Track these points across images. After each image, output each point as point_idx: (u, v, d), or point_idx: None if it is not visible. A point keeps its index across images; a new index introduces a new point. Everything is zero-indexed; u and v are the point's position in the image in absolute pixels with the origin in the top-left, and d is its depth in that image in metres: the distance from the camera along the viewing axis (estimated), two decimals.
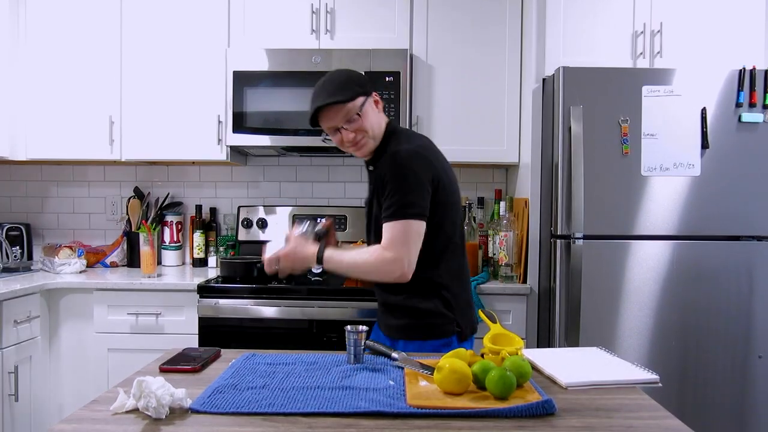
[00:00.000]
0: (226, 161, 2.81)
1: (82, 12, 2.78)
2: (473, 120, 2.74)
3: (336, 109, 1.57)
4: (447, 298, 1.58)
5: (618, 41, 2.53)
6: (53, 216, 3.18)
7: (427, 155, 1.58)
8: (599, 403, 1.07)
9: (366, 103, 1.59)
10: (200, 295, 2.40)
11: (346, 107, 1.56)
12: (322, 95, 1.57)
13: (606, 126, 2.29)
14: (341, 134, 1.59)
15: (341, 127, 1.58)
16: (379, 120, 1.63)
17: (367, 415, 0.98)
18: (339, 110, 1.57)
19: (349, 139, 1.59)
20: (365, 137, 1.60)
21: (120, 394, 1.00)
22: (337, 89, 1.57)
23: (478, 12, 2.73)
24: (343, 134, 1.59)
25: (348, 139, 1.59)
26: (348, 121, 1.57)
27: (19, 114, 2.79)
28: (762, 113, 2.30)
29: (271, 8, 2.75)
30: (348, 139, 1.59)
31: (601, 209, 2.30)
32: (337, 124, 1.58)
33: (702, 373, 2.30)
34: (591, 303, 2.28)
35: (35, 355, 2.41)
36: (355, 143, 1.60)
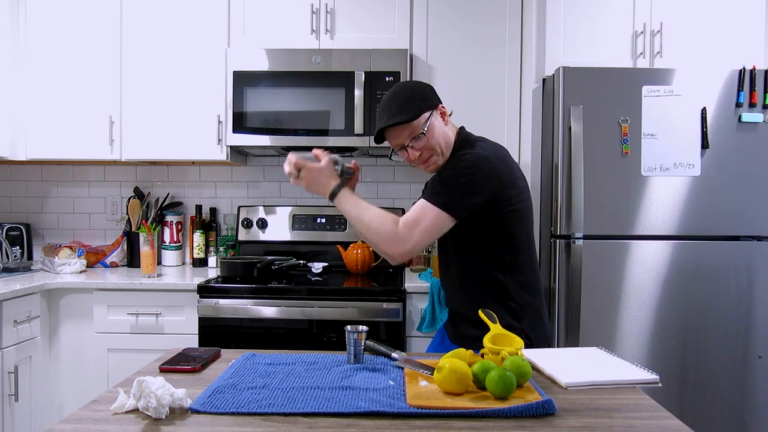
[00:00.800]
0: (226, 161, 2.81)
1: (82, 12, 2.78)
2: (473, 120, 2.72)
3: (401, 129, 1.54)
4: (514, 308, 1.54)
5: (618, 41, 2.53)
6: (53, 216, 3.18)
7: (496, 162, 1.53)
8: (599, 403, 1.07)
9: (431, 117, 1.56)
10: (200, 295, 2.40)
11: (410, 126, 1.54)
12: (385, 115, 1.54)
13: (606, 126, 2.29)
14: (408, 152, 1.58)
15: (408, 146, 1.56)
16: (446, 133, 1.60)
17: (367, 415, 0.98)
18: (404, 129, 1.55)
19: (415, 157, 1.57)
20: (433, 154, 1.57)
21: (120, 394, 1.00)
22: (401, 107, 1.53)
23: (478, 12, 2.73)
24: (409, 152, 1.57)
25: (414, 157, 1.57)
26: (414, 139, 1.55)
27: (19, 114, 2.79)
28: (762, 113, 2.30)
29: (271, 8, 2.75)
30: (414, 157, 1.57)
31: (601, 209, 2.30)
32: (404, 143, 1.56)
33: (702, 373, 2.30)
34: (591, 303, 2.28)
35: (35, 355, 2.41)
36: (424, 161, 1.58)
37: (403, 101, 1.54)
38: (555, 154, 2.35)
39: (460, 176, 1.49)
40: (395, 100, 1.55)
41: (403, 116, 1.52)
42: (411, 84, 1.65)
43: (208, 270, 2.90)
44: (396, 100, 1.55)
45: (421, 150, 1.56)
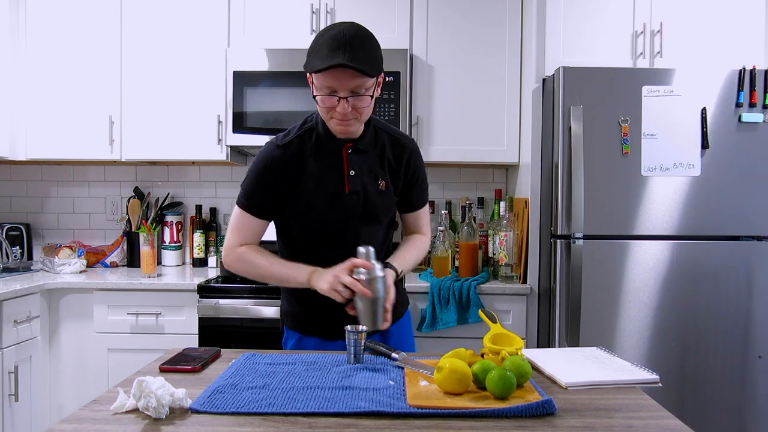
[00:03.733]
0: (226, 161, 2.81)
1: (82, 12, 2.78)
2: (473, 120, 2.74)
3: (353, 77, 1.34)
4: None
5: (618, 41, 2.53)
6: (53, 216, 3.18)
7: None
8: (599, 403, 1.07)
9: (377, 83, 1.42)
10: (200, 295, 2.40)
11: (364, 80, 1.35)
12: (347, 52, 1.31)
13: (606, 126, 2.29)
14: (338, 102, 1.37)
15: (342, 97, 1.36)
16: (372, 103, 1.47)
17: (367, 415, 0.98)
18: (356, 80, 1.35)
19: (344, 112, 1.38)
20: (356, 119, 1.42)
21: (120, 394, 1.00)
22: (368, 56, 1.35)
23: (479, 12, 2.73)
24: (339, 104, 1.37)
25: (342, 112, 1.38)
26: (355, 95, 1.37)
27: (19, 114, 2.79)
28: (762, 113, 2.30)
29: (271, 8, 2.75)
30: (342, 112, 1.38)
31: (601, 209, 2.30)
32: (340, 92, 1.36)
33: (702, 373, 2.30)
34: (591, 303, 2.28)
35: (35, 355, 2.41)
36: (345, 120, 1.40)
37: (371, 50, 1.37)
38: (555, 154, 2.35)
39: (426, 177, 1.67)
40: (364, 43, 1.35)
41: (367, 66, 1.33)
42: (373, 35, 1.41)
43: (208, 270, 2.90)
44: (364, 43, 1.35)
45: (352, 108, 1.38)
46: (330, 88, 1.36)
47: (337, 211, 1.50)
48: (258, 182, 1.50)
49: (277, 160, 1.48)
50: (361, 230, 1.52)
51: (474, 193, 3.07)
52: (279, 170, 1.48)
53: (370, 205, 1.52)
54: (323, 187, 1.49)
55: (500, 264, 2.55)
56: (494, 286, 2.47)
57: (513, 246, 2.56)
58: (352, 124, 1.43)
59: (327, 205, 1.49)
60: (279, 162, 1.48)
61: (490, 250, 2.69)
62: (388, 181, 1.56)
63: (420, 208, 1.67)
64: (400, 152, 1.58)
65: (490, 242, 2.68)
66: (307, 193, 1.49)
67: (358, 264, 1.37)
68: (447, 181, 3.12)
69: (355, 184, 1.50)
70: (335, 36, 1.33)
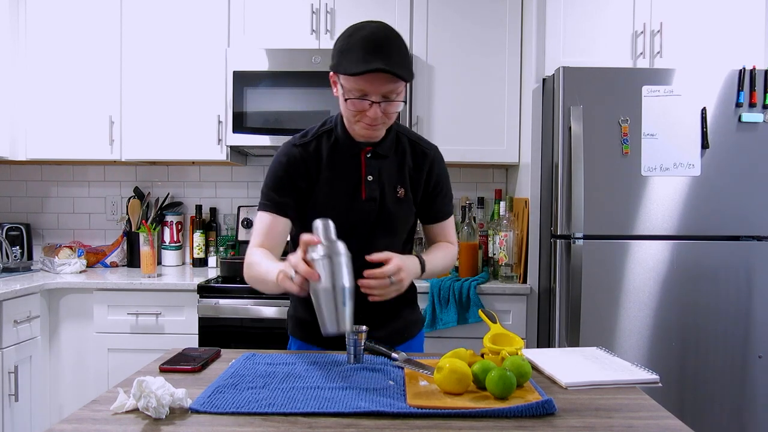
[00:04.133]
0: (226, 161, 2.81)
1: (82, 12, 2.78)
2: (473, 120, 2.74)
3: (387, 80, 1.28)
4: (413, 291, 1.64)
5: (618, 41, 2.53)
6: (53, 216, 3.18)
7: None
8: (599, 403, 1.07)
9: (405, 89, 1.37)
10: (200, 295, 2.40)
11: (399, 85, 1.31)
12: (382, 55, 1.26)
13: (606, 126, 2.29)
14: (369, 107, 1.31)
15: (375, 102, 1.31)
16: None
17: (367, 415, 0.98)
18: (391, 84, 1.29)
19: (374, 117, 1.32)
20: (385, 123, 1.37)
21: (120, 394, 1.00)
22: (403, 60, 1.29)
23: (478, 12, 2.73)
24: (371, 109, 1.31)
25: (373, 117, 1.32)
26: (387, 100, 1.31)
27: (19, 114, 2.79)
28: (762, 113, 2.30)
29: (271, 8, 2.75)
30: (374, 116, 1.32)
31: (601, 209, 2.30)
32: (372, 96, 1.30)
33: (702, 373, 2.30)
34: (591, 303, 2.28)
35: (35, 355, 2.41)
36: (374, 125, 1.35)
37: (404, 53, 1.31)
38: (555, 154, 2.35)
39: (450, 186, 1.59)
40: (398, 45, 1.30)
41: (403, 70, 1.28)
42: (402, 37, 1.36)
43: (208, 270, 2.90)
44: (398, 45, 1.30)
45: (383, 113, 1.33)
46: (362, 92, 1.30)
47: (352, 217, 1.42)
48: (276, 179, 1.44)
49: (294, 158, 1.43)
50: (376, 241, 1.41)
51: (474, 193, 3.07)
52: (296, 169, 1.43)
53: (387, 213, 1.44)
54: (339, 192, 1.43)
55: (500, 264, 2.55)
56: (494, 286, 2.47)
57: (513, 246, 2.56)
58: (379, 128, 1.38)
59: (341, 210, 1.41)
60: (296, 161, 1.43)
61: (490, 250, 2.69)
62: (408, 189, 1.48)
63: (445, 219, 1.58)
64: (421, 160, 1.50)
65: (490, 242, 2.68)
66: (321, 197, 1.43)
67: (307, 240, 1.15)
68: None
69: (373, 190, 1.43)
70: (369, 38, 1.28)
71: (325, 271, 1.11)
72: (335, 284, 1.10)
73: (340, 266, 1.11)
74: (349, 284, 1.12)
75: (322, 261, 1.11)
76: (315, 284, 1.11)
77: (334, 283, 1.10)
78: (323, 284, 1.11)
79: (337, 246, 1.14)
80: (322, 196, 1.43)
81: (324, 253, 1.11)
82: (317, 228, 1.16)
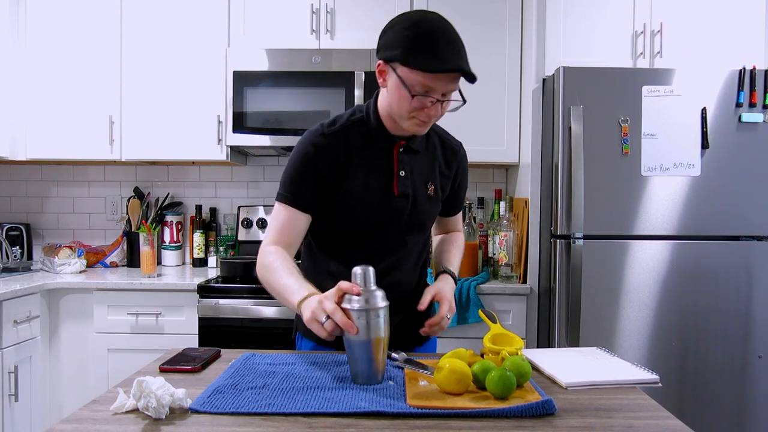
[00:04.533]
0: (226, 161, 2.81)
1: (82, 12, 2.78)
2: (473, 120, 2.73)
3: (454, 79, 1.25)
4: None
5: (618, 41, 2.53)
6: (53, 216, 3.18)
7: None
8: (599, 403, 1.07)
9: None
10: (200, 295, 2.40)
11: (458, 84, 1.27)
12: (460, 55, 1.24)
13: (606, 126, 2.29)
14: (431, 104, 1.27)
15: (438, 100, 1.27)
16: None
17: (367, 415, 0.98)
18: (454, 83, 1.26)
19: (435, 114, 1.29)
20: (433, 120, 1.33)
21: (120, 394, 1.00)
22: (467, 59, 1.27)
23: (479, 12, 2.73)
24: (432, 107, 1.27)
25: (434, 114, 1.29)
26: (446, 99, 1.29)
27: (19, 114, 2.79)
28: (762, 113, 2.30)
29: (271, 8, 2.75)
30: (434, 114, 1.29)
31: (601, 209, 2.30)
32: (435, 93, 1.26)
33: (702, 373, 2.30)
34: (591, 303, 2.28)
35: (35, 355, 2.41)
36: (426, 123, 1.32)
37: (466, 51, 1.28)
38: (555, 154, 2.35)
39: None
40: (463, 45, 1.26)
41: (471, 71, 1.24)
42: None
43: (208, 270, 2.90)
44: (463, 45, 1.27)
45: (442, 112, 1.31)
46: (428, 88, 1.25)
47: (383, 213, 1.38)
48: (301, 171, 1.36)
49: (323, 149, 1.35)
50: (406, 238, 1.41)
51: (474, 193, 3.07)
52: (324, 161, 1.35)
53: (419, 210, 1.41)
54: (370, 187, 1.37)
55: (500, 264, 2.55)
56: (494, 286, 2.47)
57: (513, 246, 2.56)
58: (427, 126, 1.33)
59: (372, 206, 1.37)
60: (324, 152, 1.35)
61: (490, 250, 2.69)
62: (437, 186, 1.45)
63: (459, 212, 1.64)
64: (451, 157, 1.49)
65: (490, 242, 2.68)
66: (351, 192, 1.36)
67: (345, 289, 1.11)
68: None
69: (405, 186, 1.38)
70: (440, 33, 1.23)
71: (364, 324, 1.08)
72: (371, 337, 1.08)
73: (378, 319, 1.09)
74: (385, 335, 1.11)
75: (360, 313, 1.08)
76: (351, 336, 1.09)
77: (371, 337, 1.08)
78: (361, 338, 1.08)
79: (377, 298, 1.10)
80: (353, 191, 1.36)
81: (363, 306, 1.08)
82: (356, 275, 1.11)
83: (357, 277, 1.11)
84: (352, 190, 1.36)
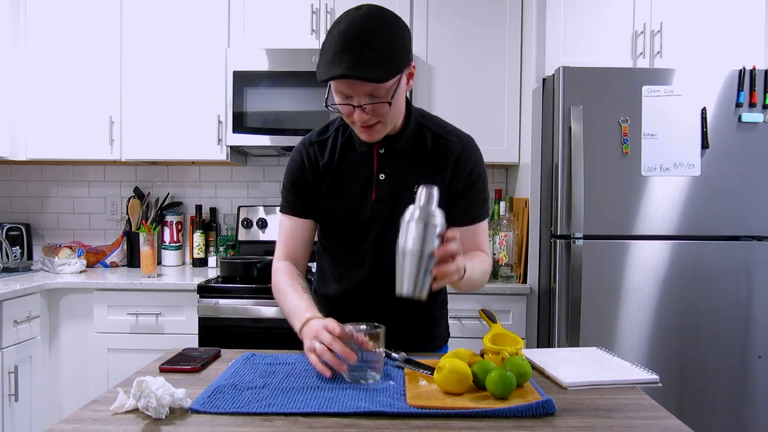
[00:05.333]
0: (226, 161, 2.81)
1: (82, 12, 2.78)
2: (473, 120, 2.73)
3: (363, 84, 1.16)
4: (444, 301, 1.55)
5: (618, 41, 2.53)
6: (53, 216, 3.18)
7: None
8: (599, 403, 1.07)
9: (400, 81, 1.21)
10: (200, 295, 2.40)
11: (377, 86, 1.16)
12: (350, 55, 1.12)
13: (606, 126, 2.29)
14: (354, 110, 1.20)
15: (357, 105, 1.19)
16: (403, 101, 1.29)
17: (367, 415, 0.98)
18: (367, 86, 1.16)
19: (361, 119, 1.21)
20: (380, 123, 1.24)
21: (120, 394, 1.00)
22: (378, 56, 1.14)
23: (479, 12, 2.73)
24: (357, 114, 1.20)
25: (359, 120, 1.21)
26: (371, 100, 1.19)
27: (19, 114, 2.79)
28: (762, 113, 2.30)
29: (271, 8, 2.75)
30: (359, 119, 1.21)
31: (601, 209, 2.30)
32: (355, 99, 1.18)
33: (702, 373, 2.30)
34: (591, 303, 2.28)
35: (35, 355, 2.41)
36: (367, 127, 1.24)
37: (382, 49, 1.15)
38: (555, 154, 2.35)
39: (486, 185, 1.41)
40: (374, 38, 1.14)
41: (376, 71, 1.14)
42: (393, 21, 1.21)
43: (208, 270, 2.90)
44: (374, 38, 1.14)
45: (370, 115, 1.21)
46: (344, 95, 1.19)
47: (360, 219, 1.33)
48: (291, 179, 1.39)
49: (307, 156, 1.37)
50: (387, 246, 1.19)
51: None
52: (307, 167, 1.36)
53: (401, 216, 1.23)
54: (346, 192, 1.34)
55: (500, 264, 2.55)
56: (494, 286, 2.47)
57: (513, 246, 2.55)
58: (377, 130, 1.25)
59: (348, 213, 1.34)
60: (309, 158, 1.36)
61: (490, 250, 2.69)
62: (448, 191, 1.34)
63: (475, 223, 1.37)
64: (444, 154, 1.35)
65: (490, 242, 2.68)
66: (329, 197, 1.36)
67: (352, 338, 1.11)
68: None
69: (384, 191, 1.32)
70: (342, 33, 1.13)
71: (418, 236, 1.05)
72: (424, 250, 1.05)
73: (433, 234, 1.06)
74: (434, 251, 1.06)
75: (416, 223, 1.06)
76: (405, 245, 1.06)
77: (424, 249, 1.05)
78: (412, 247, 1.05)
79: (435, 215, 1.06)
80: (334, 197, 1.35)
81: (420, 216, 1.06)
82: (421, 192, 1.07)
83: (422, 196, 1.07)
84: (333, 197, 1.36)
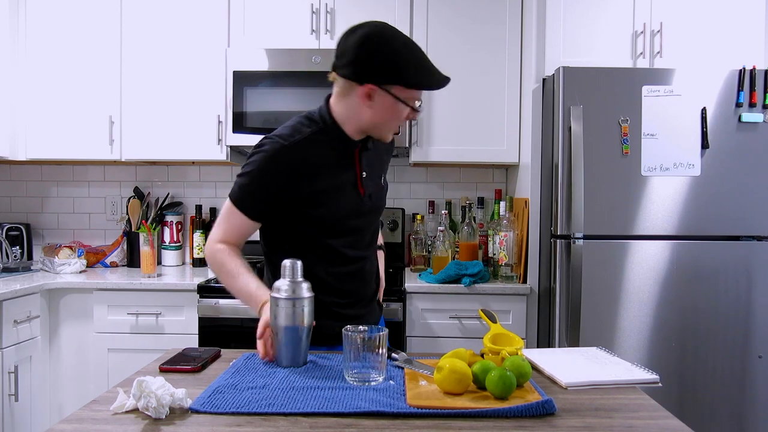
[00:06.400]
0: (226, 161, 2.81)
1: (82, 12, 2.78)
2: (473, 120, 2.74)
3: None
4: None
5: (618, 41, 2.53)
6: (53, 216, 3.18)
7: None
8: (599, 403, 1.07)
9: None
10: (200, 295, 2.40)
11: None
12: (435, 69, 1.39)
13: (606, 126, 2.29)
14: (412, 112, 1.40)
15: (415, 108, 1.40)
16: None
17: (367, 415, 0.98)
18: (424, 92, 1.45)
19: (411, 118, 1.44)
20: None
21: (120, 394, 1.00)
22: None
23: (478, 12, 2.74)
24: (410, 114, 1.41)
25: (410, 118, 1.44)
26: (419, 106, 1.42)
27: (19, 114, 2.79)
28: (762, 113, 2.30)
29: (271, 8, 2.75)
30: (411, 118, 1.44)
31: (601, 209, 2.30)
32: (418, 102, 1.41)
33: (701, 373, 2.30)
34: (591, 303, 2.28)
35: (35, 355, 2.41)
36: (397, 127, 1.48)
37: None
38: (555, 154, 2.35)
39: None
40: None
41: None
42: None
43: (208, 270, 2.90)
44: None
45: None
46: (416, 100, 1.39)
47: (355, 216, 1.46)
48: (260, 184, 1.38)
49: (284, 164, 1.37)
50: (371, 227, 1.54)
51: (474, 193, 3.07)
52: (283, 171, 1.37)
53: (378, 204, 1.55)
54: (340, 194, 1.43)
55: (500, 264, 2.55)
56: (494, 286, 2.47)
57: (513, 246, 2.56)
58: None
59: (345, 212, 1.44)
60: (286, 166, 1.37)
61: (490, 250, 2.69)
62: (384, 174, 1.59)
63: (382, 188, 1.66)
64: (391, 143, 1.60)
65: (490, 242, 2.68)
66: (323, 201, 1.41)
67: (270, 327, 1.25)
68: (447, 181, 3.12)
69: (368, 186, 1.48)
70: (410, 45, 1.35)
71: (287, 313, 1.20)
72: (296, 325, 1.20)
73: (302, 308, 1.20)
74: (308, 324, 1.22)
75: (287, 302, 1.20)
76: (276, 323, 1.21)
77: (296, 323, 1.20)
78: (283, 323, 1.20)
79: (302, 289, 1.21)
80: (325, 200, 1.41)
81: (287, 296, 1.20)
82: (285, 267, 1.22)
83: (285, 269, 1.22)
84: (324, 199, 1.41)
